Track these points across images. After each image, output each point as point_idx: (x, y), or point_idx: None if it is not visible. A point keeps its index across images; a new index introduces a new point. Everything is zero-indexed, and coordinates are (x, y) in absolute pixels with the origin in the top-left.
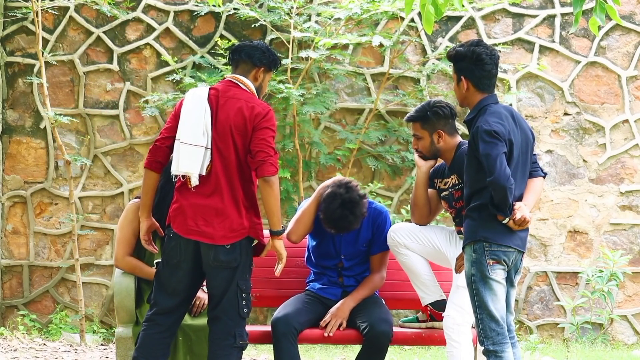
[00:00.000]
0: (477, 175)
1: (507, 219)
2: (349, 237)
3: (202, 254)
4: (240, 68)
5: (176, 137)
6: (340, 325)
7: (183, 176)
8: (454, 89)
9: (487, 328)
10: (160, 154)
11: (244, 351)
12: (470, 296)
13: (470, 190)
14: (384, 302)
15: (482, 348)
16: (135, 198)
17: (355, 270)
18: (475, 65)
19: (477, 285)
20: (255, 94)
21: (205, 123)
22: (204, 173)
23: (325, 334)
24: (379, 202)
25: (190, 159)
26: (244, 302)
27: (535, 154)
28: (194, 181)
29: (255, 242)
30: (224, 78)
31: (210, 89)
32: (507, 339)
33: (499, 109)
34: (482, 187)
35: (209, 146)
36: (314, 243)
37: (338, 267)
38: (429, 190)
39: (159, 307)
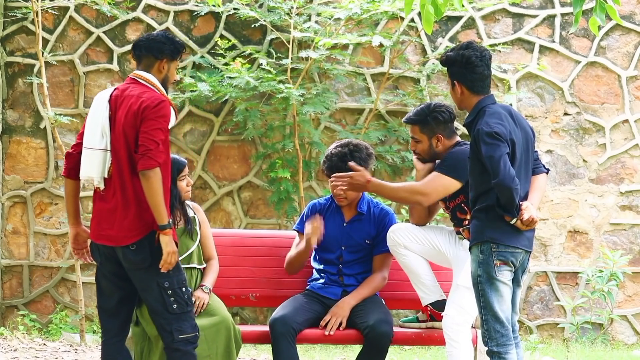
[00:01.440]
0: (482, 178)
1: (515, 220)
2: (350, 228)
3: (119, 257)
4: (143, 63)
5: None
6: (340, 324)
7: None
8: (450, 93)
9: (491, 329)
10: (73, 160)
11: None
12: (476, 297)
13: (476, 193)
14: (384, 302)
15: (486, 349)
16: None
17: (355, 269)
18: (465, 69)
19: (483, 286)
20: (159, 87)
21: (103, 125)
22: (106, 176)
23: (326, 333)
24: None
25: (90, 163)
26: (172, 299)
27: (536, 151)
28: (97, 184)
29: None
30: (128, 76)
31: (114, 89)
32: (512, 340)
33: (497, 109)
34: (488, 188)
35: (109, 148)
36: None
37: (339, 260)
38: None
39: (102, 310)
